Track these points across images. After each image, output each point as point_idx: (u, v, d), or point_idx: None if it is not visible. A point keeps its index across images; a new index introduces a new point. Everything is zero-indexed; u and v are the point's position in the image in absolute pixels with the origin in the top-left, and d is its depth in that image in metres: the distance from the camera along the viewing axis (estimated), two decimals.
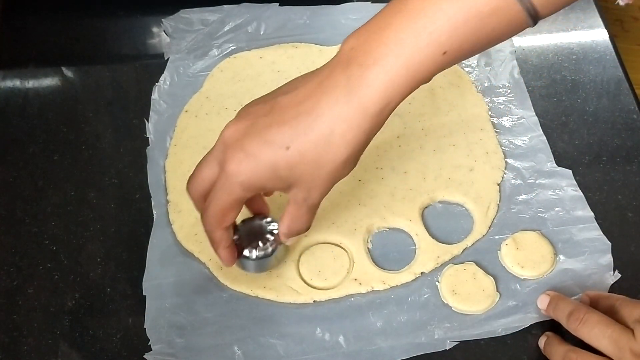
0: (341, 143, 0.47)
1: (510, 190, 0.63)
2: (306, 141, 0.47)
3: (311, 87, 0.47)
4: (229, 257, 0.53)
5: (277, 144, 0.47)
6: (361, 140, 0.47)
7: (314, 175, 0.48)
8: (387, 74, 0.46)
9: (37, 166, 0.65)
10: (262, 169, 0.47)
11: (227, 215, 0.50)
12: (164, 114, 0.68)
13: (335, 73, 0.47)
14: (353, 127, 0.46)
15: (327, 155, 0.47)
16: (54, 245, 0.60)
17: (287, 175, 0.48)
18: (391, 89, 0.46)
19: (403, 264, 0.59)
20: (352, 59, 0.46)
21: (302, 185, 0.49)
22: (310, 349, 0.54)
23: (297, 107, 0.47)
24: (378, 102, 0.46)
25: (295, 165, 0.47)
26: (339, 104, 0.46)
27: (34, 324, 0.56)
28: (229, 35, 0.75)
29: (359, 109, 0.46)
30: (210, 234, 0.52)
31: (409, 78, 0.46)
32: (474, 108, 0.68)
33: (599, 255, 0.58)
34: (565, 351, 0.51)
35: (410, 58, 0.46)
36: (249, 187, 0.49)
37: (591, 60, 0.73)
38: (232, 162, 0.48)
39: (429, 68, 0.47)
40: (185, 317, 0.56)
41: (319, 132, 0.46)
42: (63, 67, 0.73)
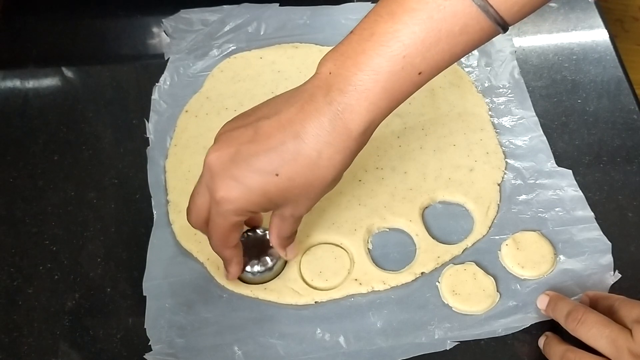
0: (329, 165, 0.48)
1: (510, 191, 0.63)
2: (295, 167, 0.48)
3: (293, 112, 0.48)
4: (238, 273, 0.56)
5: (266, 171, 0.48)
6: (347, 160, 0.49)
7: (302, 196, 0.50)
8: (367, 99, 0.47)
9: (37, 166, 0.65)
10: (254, 195, 0.49)
11: (230, 237, 0.52)
12: (164, 114, 0.68)
13: (316, 98, 0.48)
14: (339, 150, 0.48)
15: (316, 177, 0.49)
16: (54, 245, 0.60)
17: (278, 199, 0.50)
18: (373, 112, 0.48)
19: (403, 264, 0.59)
20: (332, 85, 0.47)
21: (291, 204, 0.51)
22: (311, 349, 0.54)
23: (283, 133, 0.48)
24: (361, 124, 0.48)
25: (286, 189, 0.49)
26: (324, 129, 0.47)
27: (34, 324, 0.56)
28: (229, 35, 0.75)
29: (344, 132, 0.48)
30: (220, 255, 0.54)
31: (389, 100, 0.48)
32: (474, 108, 0.68)
33: (599, 255, 0.58)
34: (563, 351, 0.51)
35: (387, 82, 0.47)
36: (242, 213, 0.50)
37: (591, 60, 0.73)
38: (222, 191, 0.49)
39: (407, 88, 0.48)
40: (185, 317, 0.56)
41: (306, 157, 0.48)
42: (63, 67, 0.73)
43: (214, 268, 0.58)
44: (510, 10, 0.47)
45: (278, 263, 0.57)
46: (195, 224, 0.53)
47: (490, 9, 0.46)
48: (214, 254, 0.58)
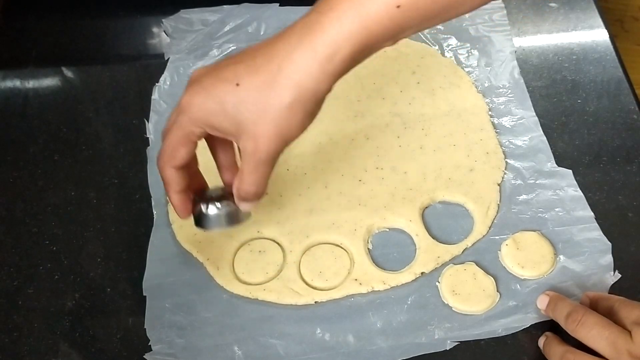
0: (286, 84, 0.46)
1: (510, 191, 0.63)
2: (255, 78, 0.47)
3: (276, 36, 0.49)
4: (180, 204, 0.53)
5: (229, 80, 0.48)
6: (308, 85, 0.47)
7: (259, 119, 0.47)
8: (339, 19, 0.46)
9: (37, 166, 0.65)
10: (211, 102, 0.48)
11: (177, 151, 0.50)
12: (164, 114, 0.68)
13: (297, 21, 0.48)
14: (300, 69, 0.46)
15: (272, 95, 0.47)
16: (54, 245, 0.60)
17: (234, 112, 0.47)
18: (342, 35, 0.46)
19: (403, 264, 0.59)
20: (314, 9, 0.48)
21: (249, 130, 0.48)
22: (310, 349, 0.54)
23: (257, 51, 0.48)
24: (328, 45, 0.46)
25: (241, 102, 0.47)
26: (291, 45, 0.47)
27: (34, 324, 0.56)
28: (229, 35, 0.75)
29: (308, 50, 0.46)
30: (161, 173, 0.52)
31: (362, 26, 0.46)
32: (474, 108, 0.68)
33: (599, 255, 0.58)
34: (563, 352, 0.51)
35: (363, 7, 0.46)
36: (196, 120, 0.49)
37: (591, 60, 0.73)
38: (186, 95, 0.49)
39: (383, 21, 0.46)
40: (185, 317, 0.56)
41: (267, 71, 0.47)
42: (63, 67, 0.73)
43: (213, 268, 0.58)
44: None
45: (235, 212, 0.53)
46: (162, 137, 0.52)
47: None
48: (214, 254, 0.59)
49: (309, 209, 0.61)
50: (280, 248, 0.59)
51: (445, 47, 0.74)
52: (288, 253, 0.59)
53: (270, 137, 0.48)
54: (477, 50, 0.73)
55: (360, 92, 0.69)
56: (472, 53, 0.73)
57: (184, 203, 0.53)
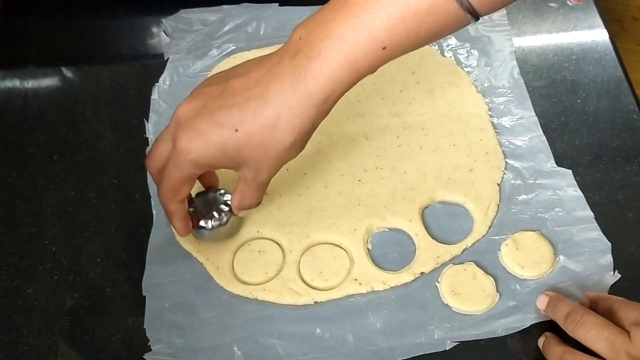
0: (287, 128, 0.49)
1: (510, 191, 0.63)
2: (254, 124, 0.49)
3: (261, 72, 0.50)
4: (183, 228, 0.56)
5: (226, 125, 0.49)
6: (306, 126, 0.50)
7: (261, 157, 0.51)
8: (329, 66, 0.48)
9: (37, 166, 0.65)
10: (212, 148, 0.50)
11: (180, 190, 0.53)
12: (164, 114, 0.68)
13: (283, 61, 0.49)
14: (298, 114, 0.49)
15: (273, 139, 0.50)
16: (54, 245, 0.60)
17: (236, 155, 0.50)
18: (334, 80, 0.49)
19: (403, 264, 0.59)
20: (300, 50, 0.49)
21: (251, 165, 0.51)
22: (310, 349, 0.54)
23: (247, 92, 0.49)
24: (322, 91, 0.49)
25: (243, 146, 0.50)
26: (285, 91, 0.49)
27: (34, 324, 0.56)
28: (228, 35, 0.75)
29: (304, 97, 0.48)
30: (165, 206, 0.55)
31: (351, 70, 0.49)
32: (474, 108, 0.68)
33: (598, 255, 0.58)
34: (561, 352, 0.51)
35: (351, 52, 0.48)
36: (198, 165, 0.51)
37: (591, 60, 0.73)
38: (183, 140, 0.50)
39: (370, 62, 0.49)
40: (184, 317, 0.56)
41: (266, 117, 0.49)
42: (63, 67, 0.73)
43: (213, 268, 0.58)
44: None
45: (233, 219, 0.58)
46: (151, 169, 0.54)
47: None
48: (214, 254, 0.59)
49: (308, 209, 0.61)
50: (280, 248, 0.59)
51: (444, 47, 0.74)
52: (288, 253, 0.59)
53: (270, 168, 0.52)
54: (477, 50, 0.73)
55: (360, 92, 0.69)
56: (472, 53, 0.73)
57: (187, 226, 0.56)
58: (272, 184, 0.62)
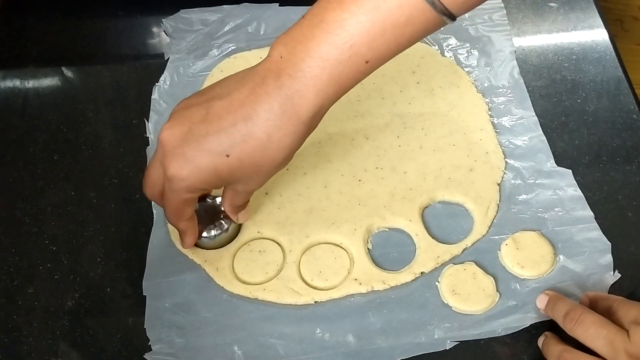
0: (278, 148, 0.50)
1: (510, 190, 0.63)
2: (245, 148, 0.49)
3: (245, 93, 0.49)
4: (192, 243, 0.58)
5: (216, 152, 0.49)
6: (296, 143, 0.51)
7: (253, 175, 0.52)
8: (314, 86, 0.48)
9: (37, 166, 0.65)
10: (204, 174, 0.50)
11: (184, 211, 0.54)
12: (164, 114, 0.68)
13: (267, 81, 0.49)
14: (289, 133, 0.49)
15: (265, 159, 0.50)
16: (54, 245, 0.60)
17: (228, 177, 0.51)
18: (321, 98, 0.49)
19: (403, 264, 0.59)
20: (282, 70, 0.49)
21: (242, 181, 0.53)
22: (310, 348, 0.54)
23: (233, 115, 0.49)
24: (310, 109, 0.49)
25: (236, 169, 0.50)
26: (273, 113, 0.49)
27: (34, 324, 0.56)
28: (229, 35, 0.75)
29: (294, 117, 0.49)
30: (176, 227, 0.56)
31: (336, 87, 0.49)
32: (474, 108, 0.68)
33: (598, 255, 0.58)
34: (560, 351, 0.51)
35: (334, 70, 0.48)
36: (194, 190, 0.52)
37: (591, 60, 0.73)
38: (173, 168, 0.50)
39: (355, 76, 0.49)
40: (185, 317, 0.56)
41: (256, 140, 0.49)
42: (63, 67, 0.73)
43: (212, 269, 0.58)
44: (455, 2, 0.48)
45: (232, 225, 0.59)
46: (150, 196, 0.55)
47: (436, 1, 0.47)
48: (212, 255, 0.59)
49: (308, 208, 0.61)
50: (280, 248, 0.59)
51: (445, 47, 0.74)
52: (288, 253, 0.59)
53: (261, 181, 0.53)
54: (477, 50, 0.73)
55: (360, 92, 0.69)
56: (472, 53, 0.73)
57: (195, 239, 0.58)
58: (272, 184, 0.62)
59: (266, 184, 0.61)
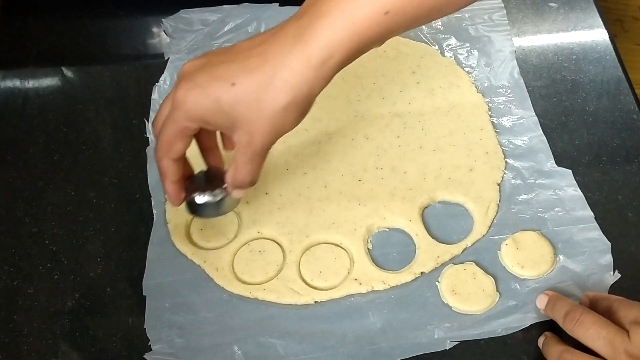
0: (282, 87, 0.49)
1: (510, 190, 0.63)
2: (251, 80, 0.49)
3: (267, 35, 0.50)
4: (174, 193, 0.55)
5: (223, 79, 0.49)
6: (302, 88, 0.49)
7: (255, 117, 0.50)
8: (330, 27, 0.48)
9: (37, 166, 0.65)
10: (207, 100, 0.49)
11: (174, 145, 0.52)
12: None
13: (288, 23, 0.50)
14: (295, 74, 0.48)
15: (268, 97, 0.49)
16: (54, 245, 0.60)
17: (230, 110, 0.49)
18: (333, 42, 0.48)
19: (403, 264, 0.59)
20: (305, 12, 0.49)
21: (245, 126, 0.50)
22: (310, 348, 0.54)
23: (250, 51, 0.50)
24: (321, 52, 0.48)
25: (238, 101, 0.49)
26: (286, 50, 0.49)
27: (34, 324, 0.56)
28: (229, 35, 0.75)
29: (303, 57, 0.48)
30: (158, 163, 0.54)
31: (352, 33, 0.48)
32: (474, 108, 0.68)
33: (598, 255, 0.58)
34: (560, 351, 0.51)
35: (352, 14, 0.48)
36: (192, 117, 0.50)
37: (591, 60, 0.73)
38: (180, 91, 0.50)
39: (372, 27, 0.48)
40: (185, 317, 0.56)
41: (263, 73, 0.49)
42: (63, 67, 0.73)
43: (212, 270, 0.58)
44: None
45: (227, 199, 0.55)
46: (155, 130, 0.54)
47: None
48: (211, 256, 0.58)
49: (308, 208, 0.61)
50: (280, 248, 0.59)
51: (445, 47, 0.74)
52: (288, 253, 0.59)
53: (265, 133, 0.50)
54: (477, 50, 0.73)
55: (360, 92, 0.69)
56: (472, 53, 0.73)
57: (178, 192, 0.55)
58: (273, 184, 0.62)
59: (266, 184, 0.62)
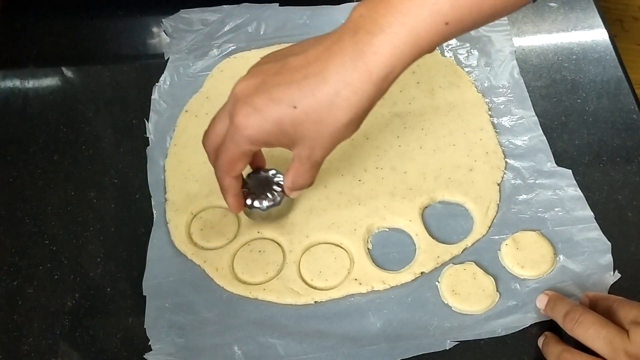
0: (345, 105, 0.49)
1: (510, 190, 0.63)
2: (312, 102, 0.49)
3: (320, 50, 0.49)
4: (236, 204, 0.57)
5: (284, 102, 0.49)
6: (364, 104, 0.49)
7: (317, 134, 0.50)
8: (391, 42, 0.48)
9: (37, 166, 0.65)
10: (269, 124, 0.50)
11: (236, 165, 0.54)
12: (164, 114, 0.68)
13: (343, 38, 0.49)
14: (357, 91, 0.48)
15: (331, 116, 0.49)
16: (54, 245, 0.60)
17: (292, 132, 0.50)
18: (395, 56, 0.48)
19: (403, 264, 0.59)
20: (360, 26, 0.48)
21: (306, 143, 0.51)
22: (310, 348, 0.54)
23: (306, 69, 0.49)
24: (383, 68, 0.48)
25: (300, 123, 0.49)
26: (345, 68, 0.48)
27: (34, 324, 0.56)
28: (229, 35, 0.75)
29: (365, 74, 0.48)
30: (220, 181, 0.55)
31: (413, 46, 0.48)
32: (474, 108, 0.68)
33: (598, 255, 0.58)
34: (560, 351, 0.51)
35: (414, 27, 0.48)
36: (255, 141, 0.51)
37: (591, 60, 0.73)
38: (240, 116, 0.50)
39: (432, 37, 0.48)
40: (185, 317, 0.56)
41: (324, 94, 0.49)
42: (63, 67, 0.73)
43: (212, 270, 0.58)
44: None
45: (285, 199, 0.58)
46: (208, 147, 0.55)
47: None
48: (211, 256, 0.58)
49: (308, 208, 0.61)
50: (280, 248, 0.59)
51: (444, 46, 0.74)
52: (288, 253, 0.59)
53: (326, 147, 0.52)
54: (477, 50, 0.73)
55: None
56: (472, 53, 0.73)
57: (240, 203, 0.57)
58: None
59: None
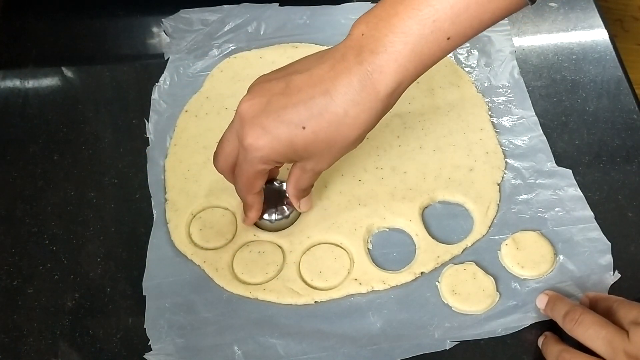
0: (353, 124, 0.50)
1: (510, 190, 0.63)
2: (321, 122, 0.50)
3: (325, 69, 0.50)
4: (256, 219, 0.59)
5: (293, 123, 0.50)
6: (372, 121, 0.51)
7: (325, 152, 0.52)
8: (396, 61, 0.49)
9: (37, 166, 0.65)
10: (281, 145, 0.51)
11: (255, 183, 0.55)
12: (164, 114, 0.68)
13: (347, 57, 0.49)
14: (365, 109, 0.50)
15: (340, 135, 0.51)
16: (54, 245, 0.60)
17: (302, 151, 0.52)
18: (401, 74, 0.49)
19: (403, 264, 0.59)
20: (364, 46, 0.49)
21: (314, 158, 0.53)
22: (310, 349, 0.54)
23: (312, 89, 0.50)
24: (390, 85, 0.49)
25: (310, 143, 0.51)
26: (352, 88, 0.49)
27: (34, 324, 0.56)
28: (229, 35, 0.75)
29: (372, 93, 0.49)
30: (244, 200, 0.57)
31: (417, 62, 0.49)
32: (474, 108, 0.68)
33: (598, 255, 0.58)
34: (559, 351, 0.51)
35: (417, 45, 0.48)
36: (267, 161, 0.52)
37: (591, 60, 0.73)
38: (250, 138, 0.51)
39: (435, 53, 0.50)
40: (185, 317, 0.56)
41: (333, 114, 0.49)
42: (63, 67, 0.73)
43: (212, 270, 0.58)
44: None
45: (294, 213, 0.60)
46: (221, 169, 0.56)
47: None
48: (211, 256, 0.58)
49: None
50: (280, 248, 0.59)
51: None
52: (288, 253, 0.59)
53: (331, 161, 0.54)
54: (477, 50, 0.73)
55: None
56: (472, 53, 0.73)
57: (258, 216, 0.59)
58: None
59: None
